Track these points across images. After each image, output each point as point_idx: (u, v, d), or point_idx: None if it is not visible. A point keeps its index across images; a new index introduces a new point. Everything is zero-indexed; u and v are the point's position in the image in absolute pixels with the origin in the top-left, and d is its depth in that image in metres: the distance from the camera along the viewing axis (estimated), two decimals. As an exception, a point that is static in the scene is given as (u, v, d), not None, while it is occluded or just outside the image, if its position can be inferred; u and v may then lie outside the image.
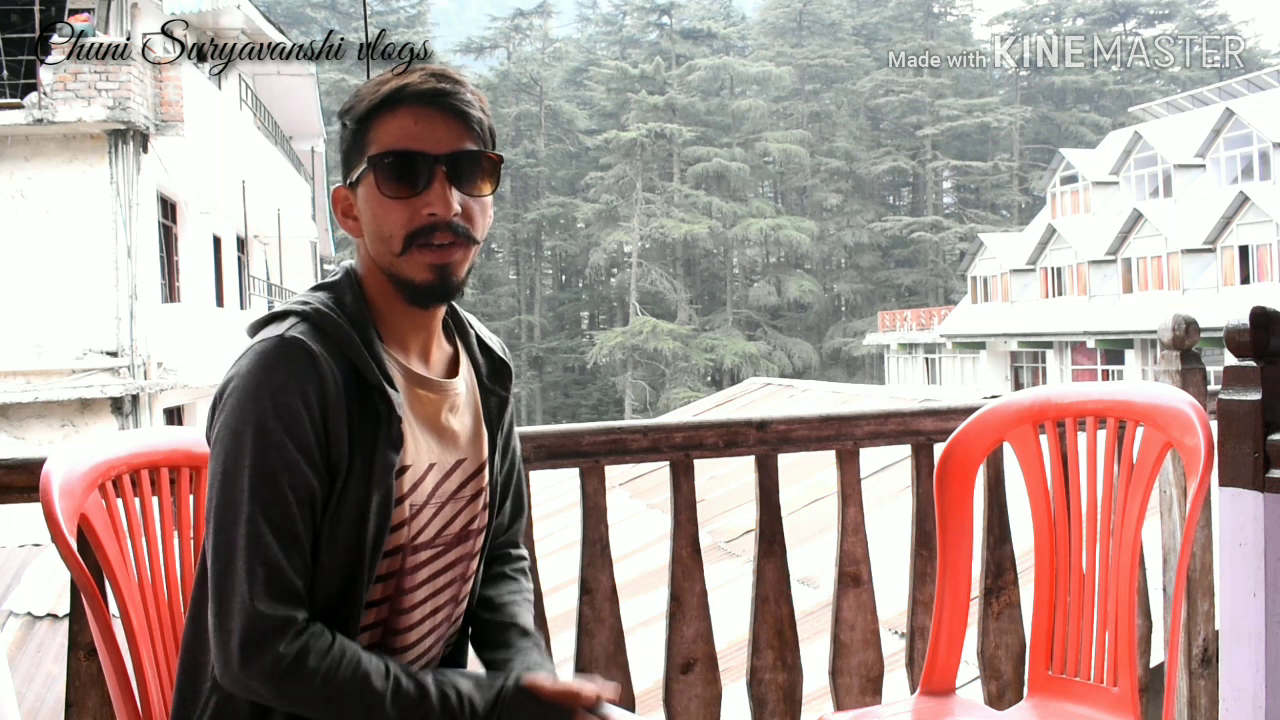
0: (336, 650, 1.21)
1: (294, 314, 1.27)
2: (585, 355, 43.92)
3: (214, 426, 1.24)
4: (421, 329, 1.35)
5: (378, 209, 1.27)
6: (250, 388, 1.21)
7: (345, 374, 1.25)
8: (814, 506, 5.55)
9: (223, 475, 1.21)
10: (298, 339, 1.23)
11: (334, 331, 1.26)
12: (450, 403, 1.37)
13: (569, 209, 46.71)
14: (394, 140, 1.26)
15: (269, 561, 1.19)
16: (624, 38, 53.00)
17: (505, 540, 1.53)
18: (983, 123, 47.21)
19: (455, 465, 1.37)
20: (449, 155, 1.27)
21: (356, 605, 1.27)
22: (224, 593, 1.19)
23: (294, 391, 1.20)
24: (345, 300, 1.30)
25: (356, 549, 1.25)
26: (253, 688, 1.19)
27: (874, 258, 47.24)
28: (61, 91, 10.39)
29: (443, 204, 1.26)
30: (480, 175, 1.30)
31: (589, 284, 50.48)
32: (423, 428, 1.33)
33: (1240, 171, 26.27)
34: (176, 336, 11.64)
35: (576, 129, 47.98)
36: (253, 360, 1.22)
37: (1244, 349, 1.78)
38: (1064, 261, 30.44)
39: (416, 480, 1.32)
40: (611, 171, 44.60)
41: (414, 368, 1.34)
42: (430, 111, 1.27)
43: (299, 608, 1.20)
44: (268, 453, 1.19)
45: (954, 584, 1.83)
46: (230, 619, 1.18)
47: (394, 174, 1.26)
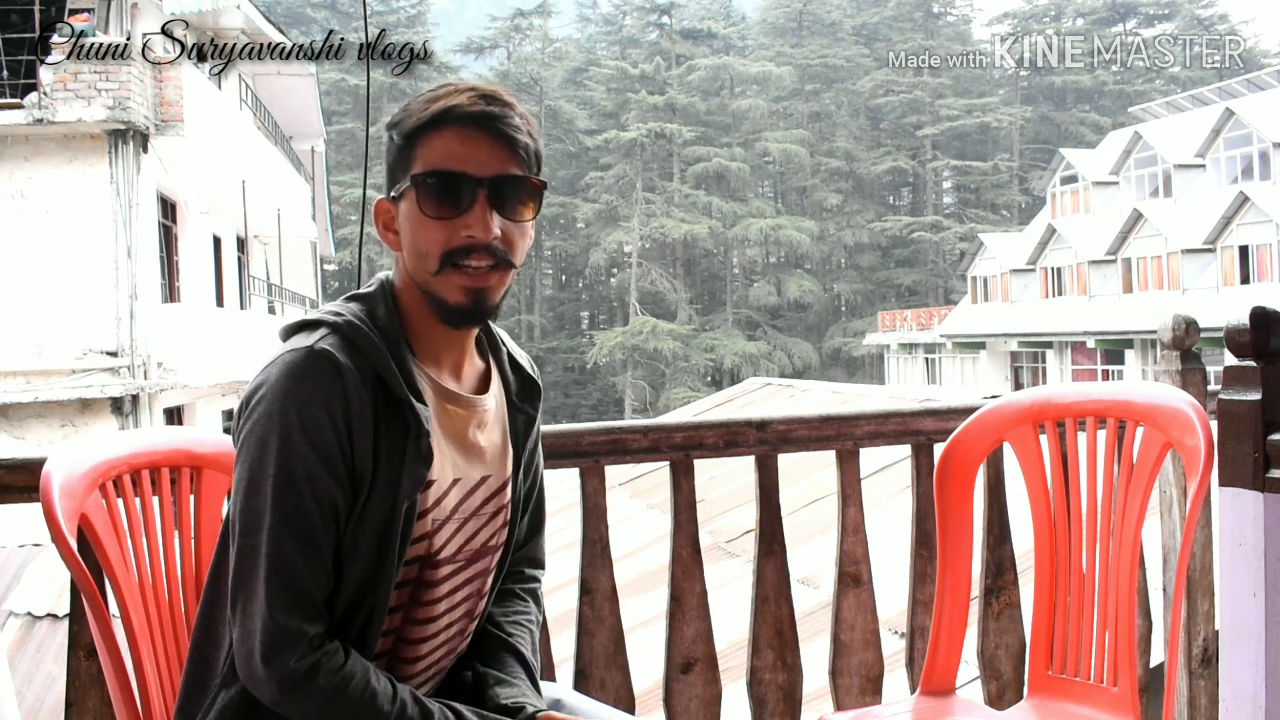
0: (348, 670, 1.22)
1: (325, 324, 1.27)
2: (585, 355, 43.92)
3: (241, 431, 1.25)
4: (455, 345, 1.35)
5: (418, 226, 1.27)
6: (277, 397, 1.22)
7: (374, 387, 1.25)
8: (814, 506, 5.55)
9: (248, 482, 1.22)
10: (326, 351, 1.23)
11: (364, 344, 1.26)
12: (479, 419, 1.37)
13: (569, 209, 46.71)
14: (438, 160, 1.26)
15: (289, 572, 1.20)
16: (624, 38, 53.00)
17: (522, 556, 1.53)
18: (983, 123, 47.21)
19: (480, 481, 1.37)
20: (492, 179, 1.26)
21: (377, 615, 1.28)
22: (246, 597, 1.21)
23: (319, 404, 1.21)
24: (378, 313, 1.30)
25: (378, 560, 1.26)
26: (265, 691, 1.21)
27: (874, 258, 47.25)
28: (61, 91, 10.39)
29: (482, 227, 1.25)
30: (522, 200, 1.29)
31: (589, 284, 50.48)
32: (449, 443, 1.33)
33: (1240, 171, 26.27)
34: (176, 336, 11.64)
35: (576, 129, 47.98)
36: (281, 370, 1.23)
37: (1244, 349, 1.78)
38: (1064, 261, 30.45)
39: (440, 495, 1.32)
40: (611, 171, 44.61)
41: (445, 383, 1.34)
42: (477, 134, 1.26)
43: (315, 621, 1.22)
44: (291, 463, 1.20)
45: (954, 584, 1.83)
46: (252, 621, 1.20)
47: (436, 194, 1.26)
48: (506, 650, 1.43)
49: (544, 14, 51.38)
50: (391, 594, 1.29)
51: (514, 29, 51.12)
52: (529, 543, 1.53)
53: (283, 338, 1.30)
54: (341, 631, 1.26)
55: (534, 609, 1.52)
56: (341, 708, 1.21)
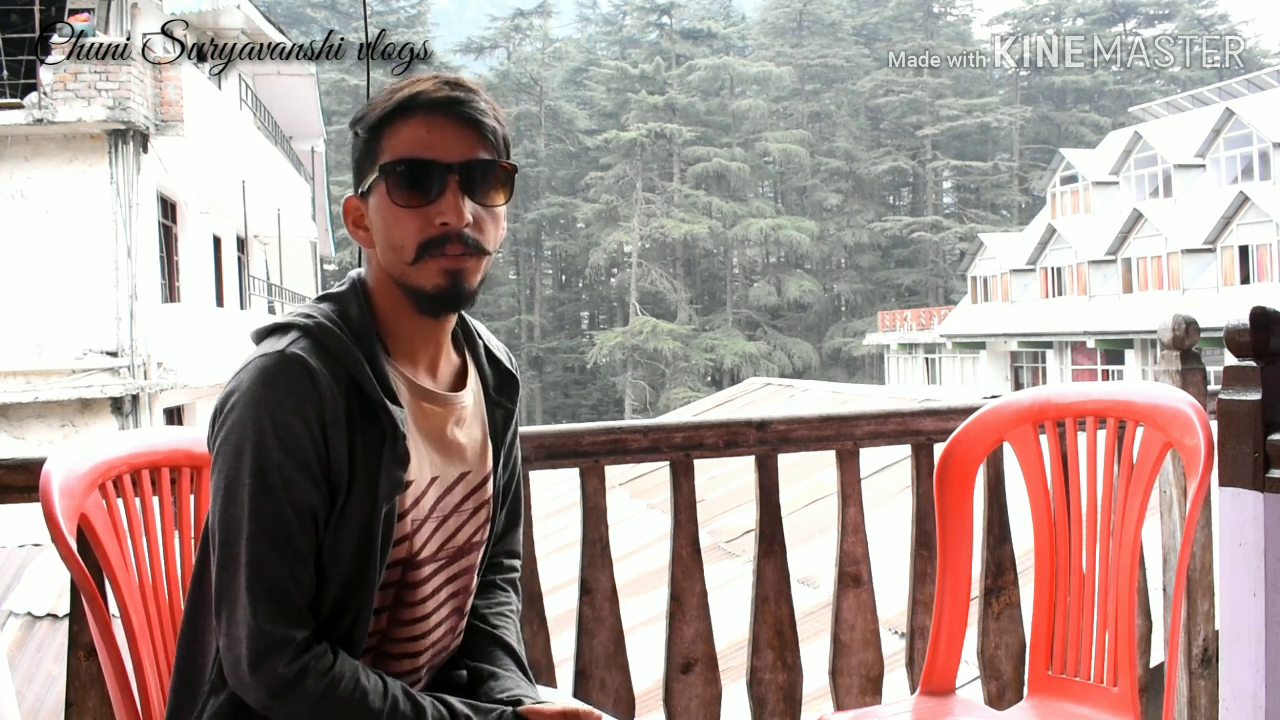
0: (337, 671, 1.21)
1: (296, 327, 1.25)
2: (585, 355, 43.92)
3: (215, 438, 1.24)
4: (430, 341, 1.34)
5: (390, 218, 1.26)
6: (250, 404, 1.21)
7: (347, 390, 1.24)
8: (814, 506, 5.55)
9: (225, 490, 1.21)
10: (298, 355, 1.22)
11: (336, 347, 1.24)
12: (456, 416, 1.36)
13: (569, 209, 46.71)
14: (406, 148, 1.25)
15: (269, 579, 1.20)
16: (624, 38, 53.00)
17: (500, 549, 1.52)
18: (983, 123, 47.22)
19: (459, 479, 1.36)
20: (462, 164, 1.25)
21: (362, 618, 1.27)
22: (229, 606, 1.21)
23: (293, 410, 1.20)
24: (350, 312, 1.28)
25: (360, 563, 1.25)
26: (254, 697, 1.21)
27: (874, 258, 47.25)
28: (61, 91, 10.39)
29: (455, 213, 1.24)
30: (493, 185, 1.28)
31: (589, 284, 50.47)
32: (426, 442, 1.32)
33: (1240, 171, 26.27)
34: (176, 336, 11.64)
35: (576, 129, 47.98)
36: (253, 376, 1.22)
37: (1244, 349, 1.78)
38: (1064, 261, 30.45)
39: (418, 495, 1.31)
40: (611, 171, 44.60)
41: (421, 381, 1.33)
42: (443, 120, 1.25)
43: (300, 626, 1.21)
44: (267, 470, 1.19)
45: (954, 584, 1.83)
46: (237, 628, 1.20)
47: (406, 182, 1.25)
48: (494, 643, 1.43)
49: (544, 14, 51.37)
50: (376, 596, 1.28)
51: (514, 29, 51.12)
52: (506, 535, 1.53)
53: (255, 341, 1.29)
54: (327, 635, 1.25)
55: (514, 599, 1.52)
56: (332, 708, 1.20)
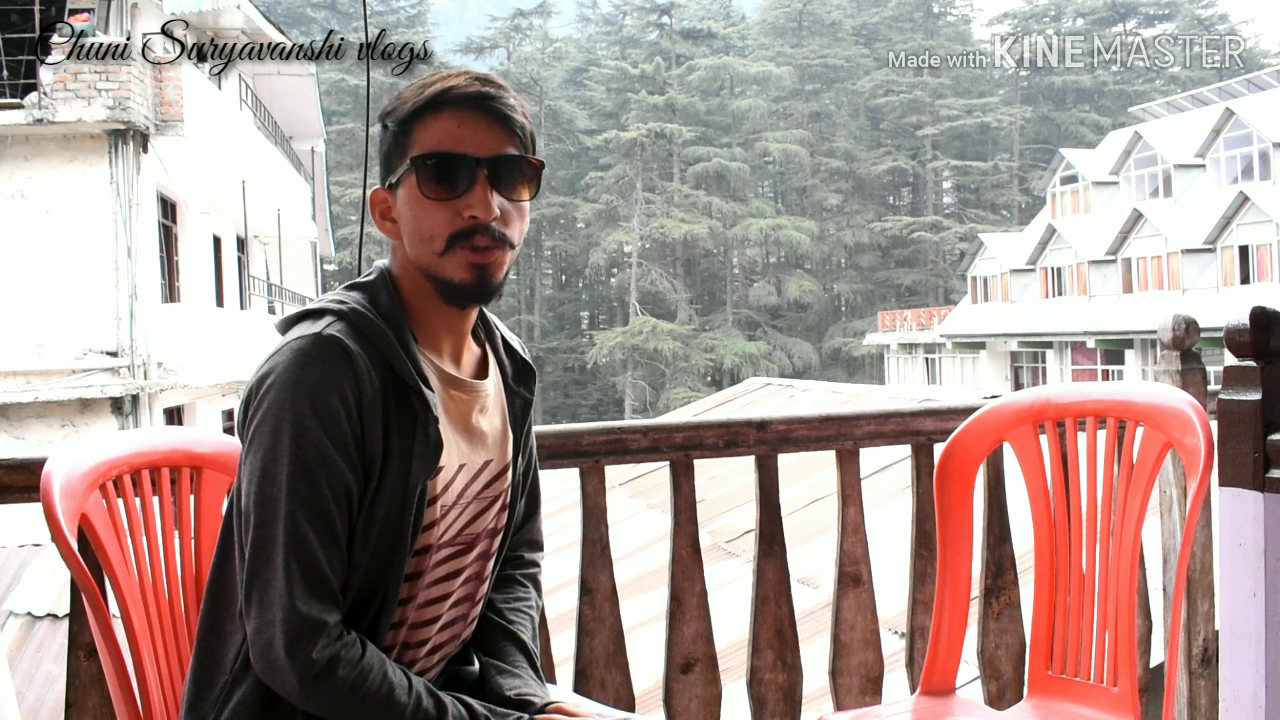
0: (366, 662, 1.22)
1: (330, 312, 1.27)
2: (585, 355, 43.93)
3: (249, 422, 1.24)
4: (455, 331, 1.36)
5: (419, 210, 1.28)
6: (288, 384, 1.21)
7: (382, 374, 1.25)
8: (814, 506, 5.56)
9: (261, 472, 1.21)
10: (335, 337, 1.23)
11: (371, 331, 1.26)
12: (480, 404, 1.38)
13: (569, 209, 46.72)
14: (437, 142, 1.26)
15: (307, 560, 1.20)
16: (624, 38, 53.01)
17: (521, 539, 1.53)
18: (983, 123, 47.22)
19: (483, 466, 1.38)
20: (491, 159, 1.27)
21: (389, 603, 1.28)
22: (264, 589, 1.20)
23: (331, 389, 1.21)
24: (380, 300, 1.30)
25: (389, 547, 1.26)
26: (285, 683, 1.20)
27: (874, 258, 47.25)
28: (61, 91, 10.38)
29: (484, 206, 1.26)
30: (521, 180, 1.30)
31: (589, 284, 50.48)
32: (454, 428, 1.34)
33: (1240, 171, 26.27)
34: (176, 336, 11.64)
35: (576, 129, 47.98)
36: (289, 357, 1.22)
37: (1244, 349, 1.78)
38: (1064, 261, 30.44)
39: (448, 481, 1.33)
40: (611, 171, 44.60)
41: (447, 369, 1.34)
42: (474, 115, 1.27)
43: (334, 609, 1.21)
44: (305, 450, 1.20)
45: (954, 584, 1.83)
46: (271, 611, 1.19)
47: (436, 175, 1.26)
48: (508, 639, 1.44)
49: (544, 14, 51.38)
50: (402, 584, 1.29)
51: (514, 29, 51.13)
52: (527, 524, 1.54)
53: (282, 329, 1.30)
54: (354, 624, 1.25)
55: (534, 595, 1.52)
56: (360, 700, 1.21)
